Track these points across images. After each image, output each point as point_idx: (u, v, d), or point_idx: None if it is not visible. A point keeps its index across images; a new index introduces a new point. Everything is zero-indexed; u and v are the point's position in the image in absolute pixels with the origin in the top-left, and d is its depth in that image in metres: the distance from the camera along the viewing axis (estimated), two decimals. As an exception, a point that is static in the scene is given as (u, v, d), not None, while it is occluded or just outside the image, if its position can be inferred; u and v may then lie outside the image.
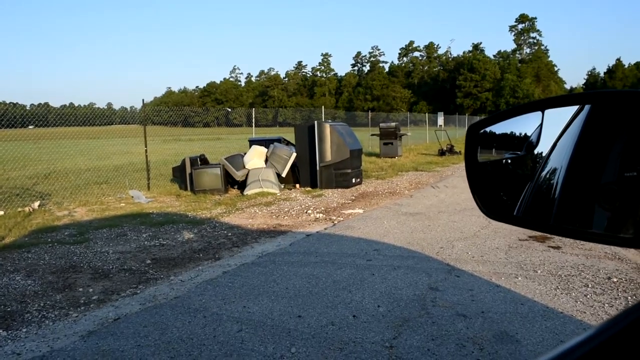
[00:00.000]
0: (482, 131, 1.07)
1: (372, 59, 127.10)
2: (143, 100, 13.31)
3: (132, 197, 10.69)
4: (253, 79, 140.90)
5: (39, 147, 22.51)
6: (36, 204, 9.56)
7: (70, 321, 4.07)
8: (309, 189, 11.54)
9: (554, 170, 0.87)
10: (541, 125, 0.92)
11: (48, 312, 4.27)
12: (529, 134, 0.95)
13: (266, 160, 11.47)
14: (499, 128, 1.04)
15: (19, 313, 4.26)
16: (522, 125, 0.97)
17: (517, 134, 0.99)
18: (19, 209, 9.16)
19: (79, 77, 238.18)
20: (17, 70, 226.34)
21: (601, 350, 0.49)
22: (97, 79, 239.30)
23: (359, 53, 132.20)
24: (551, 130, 0.90)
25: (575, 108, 0.85)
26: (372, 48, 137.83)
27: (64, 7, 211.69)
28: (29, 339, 3.73)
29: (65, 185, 12.36)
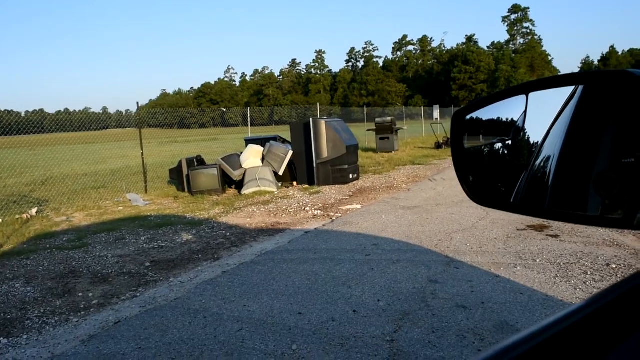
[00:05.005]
0: (468, 117, 1.06)
1: (366, 54, 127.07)
2: (138, 103, 13.38)
3: (130, 200, 10.68)
4: (248, 78, 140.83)
5: (35, 154, 22.48)
6: (34, 211, 9.54)
7: (70, 326, 4.07)
8: (306, 186, 11.53)
9: (549, 157, 0.86)
10: (525, 109, 0.91)
11: (48, 318, 4.27)
12: (515, 119, 0.94)
13: (263, 159, 11.46)
14: (485, 114, 1.02)
15: (19, 320, 4.26)
16: (508, 110, 0.96)
17: (504, 119, 0.98)
18: (17, 216, 9.15)
19: (74, 82, 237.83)
20: (12, 77, 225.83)
21: (586, 322, 0.49)
22: (92, 84, 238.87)
23: (352, 49, 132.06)
24: (539, 114, 0.89)
25: (565, 92, 0.84)
26: (366, 43, 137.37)
27: (57, 12, 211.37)
28: (30, 346, 3.73)
29: (63, 191, 12.34)
